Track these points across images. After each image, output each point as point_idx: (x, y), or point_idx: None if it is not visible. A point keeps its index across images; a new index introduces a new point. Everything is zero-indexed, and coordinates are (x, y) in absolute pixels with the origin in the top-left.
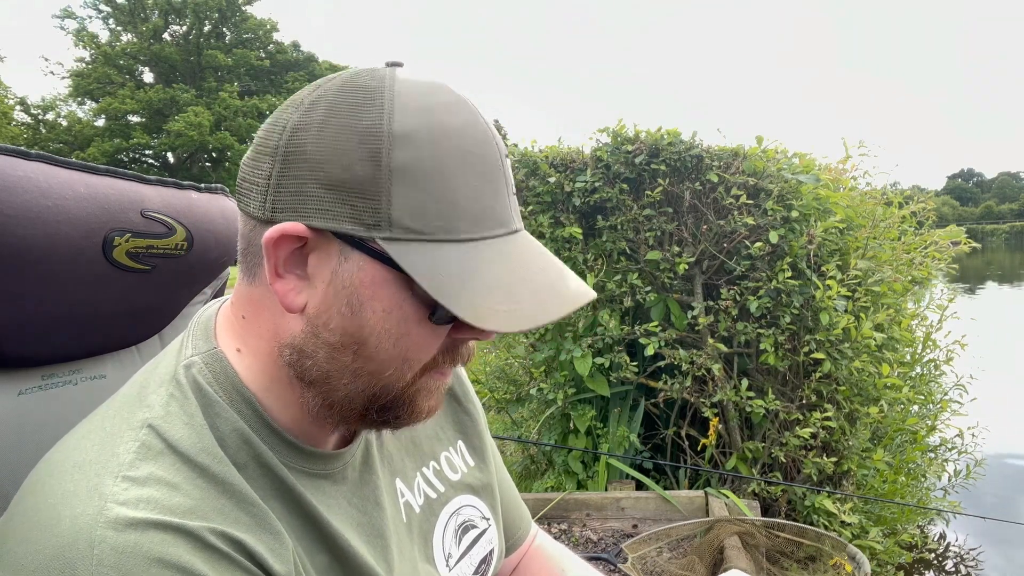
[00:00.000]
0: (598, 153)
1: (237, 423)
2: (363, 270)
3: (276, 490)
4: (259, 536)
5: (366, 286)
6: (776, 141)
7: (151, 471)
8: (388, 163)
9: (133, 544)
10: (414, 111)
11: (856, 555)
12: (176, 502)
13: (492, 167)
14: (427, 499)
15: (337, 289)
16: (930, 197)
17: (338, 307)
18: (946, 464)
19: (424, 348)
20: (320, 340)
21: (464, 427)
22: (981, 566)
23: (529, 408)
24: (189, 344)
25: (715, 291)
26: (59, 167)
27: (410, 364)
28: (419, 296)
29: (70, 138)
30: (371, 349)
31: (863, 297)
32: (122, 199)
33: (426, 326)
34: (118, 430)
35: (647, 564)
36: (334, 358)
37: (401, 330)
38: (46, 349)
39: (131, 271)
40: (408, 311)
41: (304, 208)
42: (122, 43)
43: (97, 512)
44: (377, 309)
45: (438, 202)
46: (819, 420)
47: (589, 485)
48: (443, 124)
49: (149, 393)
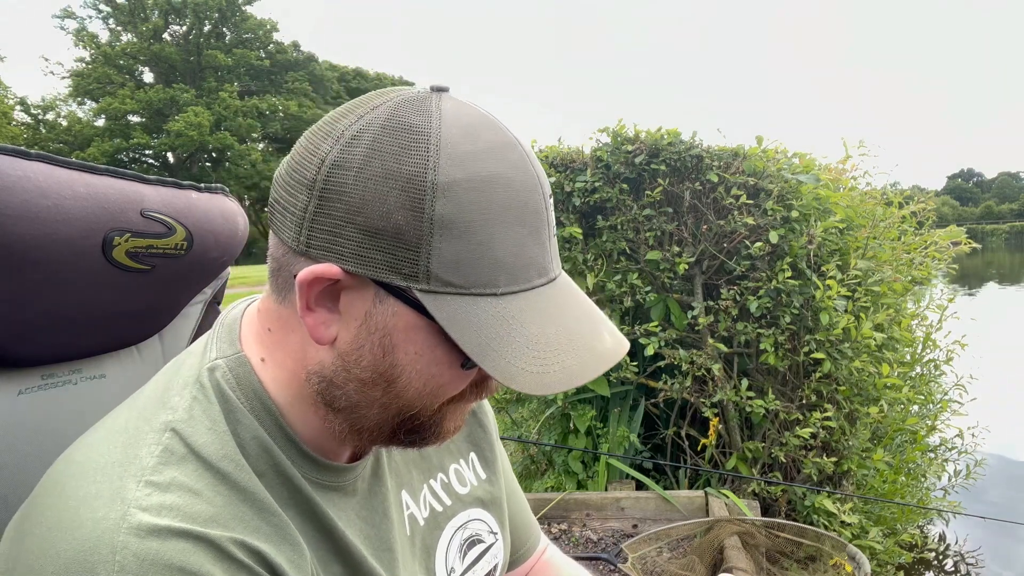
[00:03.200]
0: (598, 153)
1: (257, 431)
2: (397, 316)
3: (294, 500)
4: (279, 547)
5: (400, 331)
6: (776, 141)
7: (174, 476)
8: (430, 215)
9: (155, 552)
10: (459, 158)
11: (856, 555)
12: (198, 509)
13: (536, 215)
14: (432, 512)
15: (371, 330)
16: (930, 197)
17: (370, 346)
18: (946, 464)
19: (453, 387)
20: (351, 375)
21: (477, 440)
22: (981, 566)
23: (529, 408)
24: (214, 347)
25: (715, 291)
26: (59, 167)
27: (438, 400)
28: (451, 344)
29: (70, 138)
30: (401, 387)
31: (863, 297)
32: (122, 199)
33: (456, 370)
34: (141, 432)
35: (647, 564)
36: (364, 392)
37: (432, 372)
38: (46, 349)
39: (131, 271)
40: (440, 356)
41: (340, 250)
42: (122, 43)
43: (120, 517)
44: (410, 352)
45: (479, 256)
46: (819, 420)
47: (589, 485)
48: (488, 173)
49: (173, 395)
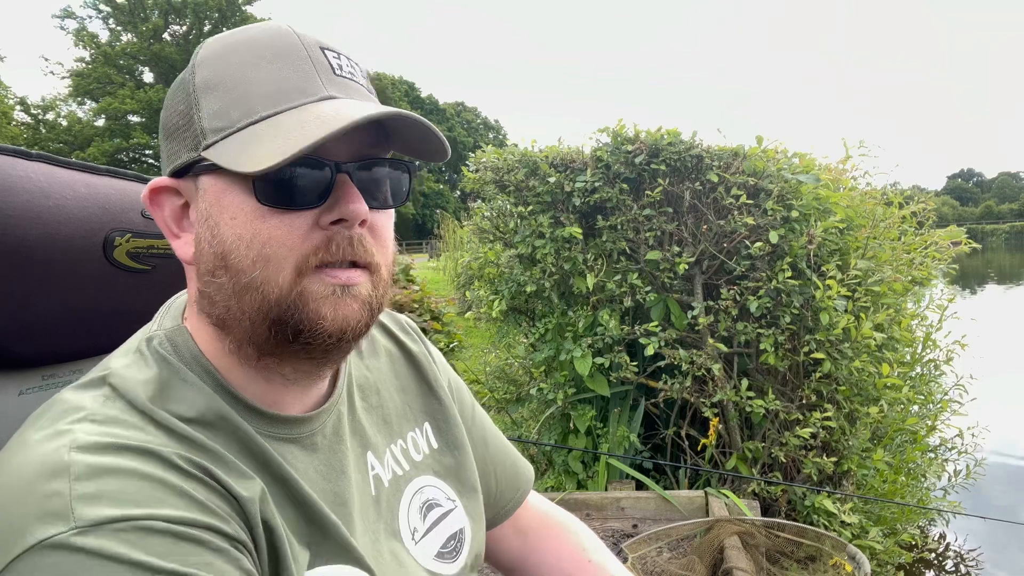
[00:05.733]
0: (598, 153)
1: (203, 388)
2: (208, 191)
3: (248, 450)
4: (223, 470)
5: (214, 205)
6: (776, 141)
7: (114, 415)
8: (193, 87)
9: (108, 462)
10: (212, 42)
11: (856, 555)
12: (140, 437)
13: (286, 51)
14: (394, 475)
15: (201, 222)
16: (930, 197)
17: (204, 236)
18: (946, 464)
19: (278, 241)
20: (204, 275)
21: (433, 412)
22: (981, 566)
23: (529, 408)
24: (156, 323)
25: (715, 291)
26: (60, 167)
27: (274, 262)
28: (249, 191)
29: (70, 138)
30: (234, 260)
31: (863, 297)
32: (123, 199)
33: (271, 217)
34: (80, 392)
35: (647, 564)
36: (218, 286)
37: (250, 230)
38: (47, 349)
39: (131, 271)
40: (248, 208)
41: (166, 165)
42: (122, 43)
43: (66, 443)
44: (227, 220)
45: (236, 98)
46: (819, 420)
47: (589, 485)
48: (234, 38)
49: (112, 361)
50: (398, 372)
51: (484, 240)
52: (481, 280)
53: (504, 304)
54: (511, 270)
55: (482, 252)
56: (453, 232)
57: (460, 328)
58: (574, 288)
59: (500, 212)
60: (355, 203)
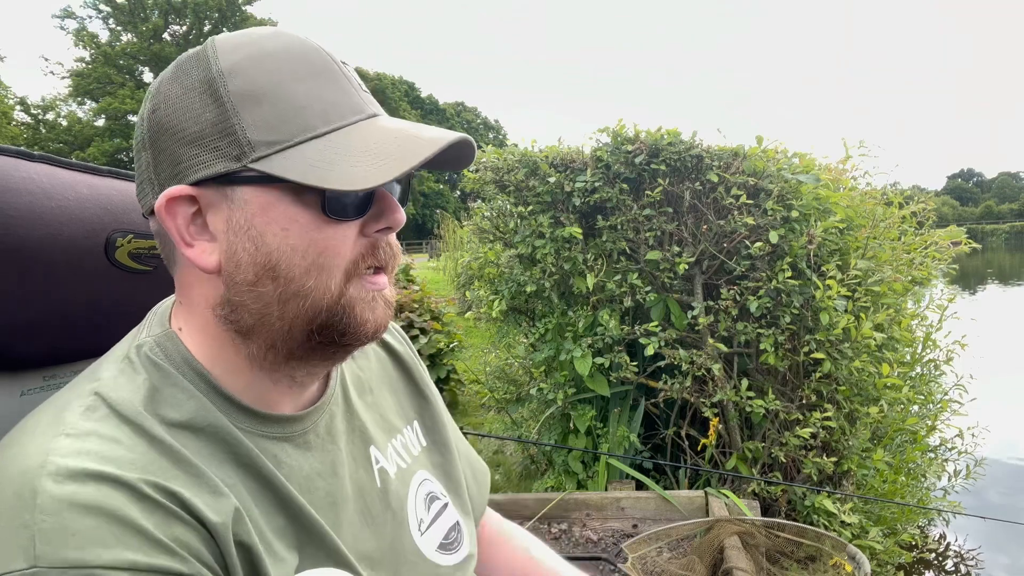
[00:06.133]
0: (598, 153)
1: (193, 393)
2: (250, 203)
3: (233, 456)
4: (195, 491)
5: (258, 215)
6: (776, 141)
7: (93, 427)
8: (228, 96)
9: (71, 494)
10: (234, 48)
11: (856, 555)
12: (115, 454)
13: (326, 68)
14: (399, 468)
15: (237, 232)
16: (930, 197)
17: (243, 247)
18: (946, 464)
19: (333, 250)
20: (241, 285)
21: (421, 411)
22: (981, 566)
23: (529, 408)
24: (144, 330)
25: (715, 291)
26: (62, 168)
27: (327, 270)
28: (308, 202)
29: (70, 138)
30: (285, 269)
31: (863, 297)
32: (124, 200)
33: (326, 227)
34: (68, 401)
35: (647, 564)
36: (258, 295)
37: (304, 240)
38: (48, 350)
39: (133, 272)
40: (303, 220)
41: (182, 172)
42: (122, 43)
43: (40, 465)
44: (276, 231)
45: (284, 111)
46: (819, 420)
47: (589, 485)
48: (263, 48)
49: (101, 370)
50: (387, 372)
51: (484, 240)
52: (481, 280)
53: (504, 304)
54: (511, 270)
55: (482, 252)
56: (453, 232)
57: (460, 328)
58: (574, 288)
59: (500, 212)
60: (399, 212)
